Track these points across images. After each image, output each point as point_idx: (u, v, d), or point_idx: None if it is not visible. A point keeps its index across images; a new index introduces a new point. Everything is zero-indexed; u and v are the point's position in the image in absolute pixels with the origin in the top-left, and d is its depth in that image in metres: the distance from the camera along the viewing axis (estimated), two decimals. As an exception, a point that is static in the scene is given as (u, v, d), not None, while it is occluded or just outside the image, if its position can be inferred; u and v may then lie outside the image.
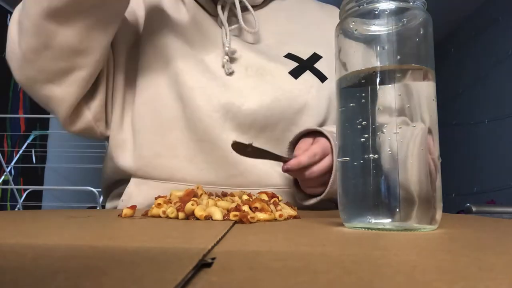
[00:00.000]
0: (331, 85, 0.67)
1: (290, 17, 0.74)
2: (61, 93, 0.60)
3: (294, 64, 0.66)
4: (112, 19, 0.59)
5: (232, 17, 0.69)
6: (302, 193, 0.62)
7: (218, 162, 0.63)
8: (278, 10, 0.74)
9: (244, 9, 0.68)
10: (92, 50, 0.59)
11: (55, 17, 0.53)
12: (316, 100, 0.65)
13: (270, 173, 0.64)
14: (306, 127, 0.63)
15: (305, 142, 0.59)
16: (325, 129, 0.58)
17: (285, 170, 0.54)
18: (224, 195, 0.51)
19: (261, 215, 0.39)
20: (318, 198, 0.58)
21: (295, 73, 0.65)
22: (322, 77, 0.67)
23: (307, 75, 0.66)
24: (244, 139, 0.62)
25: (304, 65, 0.67)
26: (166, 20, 0.69)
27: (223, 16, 0.66)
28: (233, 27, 0.68)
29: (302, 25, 0.74)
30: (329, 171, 0.56)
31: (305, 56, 0.68)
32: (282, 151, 0.65)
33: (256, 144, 0.63)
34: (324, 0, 0.84)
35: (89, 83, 0.63)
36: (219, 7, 0.67)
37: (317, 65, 0.68)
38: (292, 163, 0.53)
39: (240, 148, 0.52)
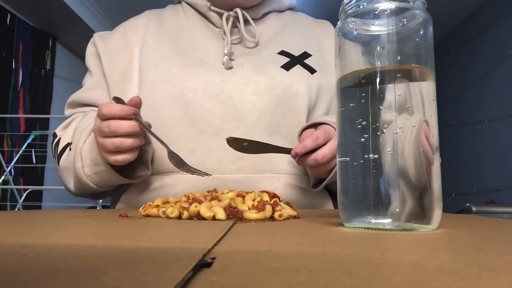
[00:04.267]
0: (320, 76, 0.72)
1: (286, 24, 0.80)
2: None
3: (286, 60, 0.72)
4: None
5: (234, 29, 0.74)
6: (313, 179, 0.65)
7: (219, 150, 0.65)
8: (275, 21, 0.79)
9: (245, 21, 0.74)
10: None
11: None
12: (307, 87, 0.69)
13: (272, 157, 0.66)
14: (299, 111, 0.67)
15: (307, 132, 0.62)
16: (326, 119, 0.61)
17: (294, 156, 0.56)
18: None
19: (253, 214, 0.40)
20: (328, 177, 0.60)
21: (287, 67, 0.71)
22: (311, 70, 0.72)
23: (298, 68, 0.71)
24: (244, 126, 0.66)
25: (295, 60, 0.72)
26: (165, 32, 0.75)
27: (227, 28, 0.72)
28: (234, 37, 0.73)
29: (296, 30, 0.79)
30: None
31: (296, 53, 0.73)
32: (284, 138, 0.67)
33: (259, 129, 0.67)
34: (322, 4, 0.86)
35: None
36: (224, 19, 0.72)
37: (307, 61, 0.73)
38: (299, 147, 0.55)
39: (237, 143, 0.54)
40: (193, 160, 0.65)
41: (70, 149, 0.66)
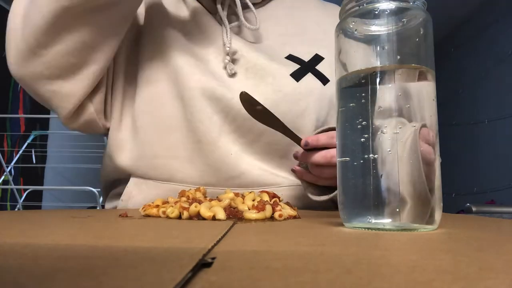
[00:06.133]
0: (333, 87, 0.66)
1: (291, 16, 0.73)
2: (70, 89, 0.60)
3: (295, 66, 0.65)
4: (126, 18, 0.61)
5: (232, 15, 0.68)
6: (312, 188, 0.59)
7: (217, 164, 0.63)
8: (278, 9, 0.73)
9: (244, 6, 0.67)
10: (105, 47, 0.59)
11: (70, 16, 0.53)
12: (317, 103, 0.64)
13: (269, 174, 0.64)
14: (303, 131, 0.62)
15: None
16: None
17: (305, 144, 0.51)
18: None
19: (253, 214, 0.40)
20: (332, 194, 0.55)
21: (297, 76, 0.64)
22: (324, 79, 0.66)
23: (309, 78, 0.65)
24: (242, 143, 0.63)
25: (306, 67, 0.66)
26: (166, 18, 0.69)
27: (223, 13, 0.66)
28: (233, 24, 0.67)
29: (303, 24, 0.73)
30: None
31: (306, 57, 0.67)
32: (282, 157, 0.64)
33: (256, 147, 0.63)
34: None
35: (99, 78, 0.63)
36: (218, 5, 0.67)
37: (319, 67, 0.67)
38: (312, 138, 0.51)
39: (249, 103, 0.49)
40: (192, 172, 0.63)
41: None
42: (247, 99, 0.49)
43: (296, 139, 0.53)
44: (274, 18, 0.72)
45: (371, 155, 0.32)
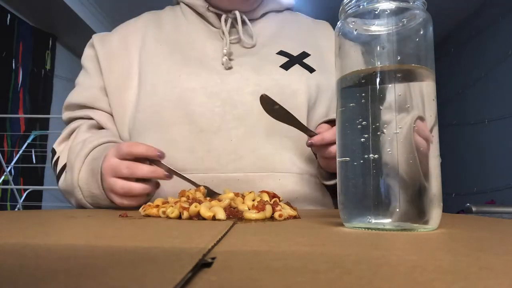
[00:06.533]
0: (319, 75, 0.72)
1: (284, 23, 0.80)
2: None
3: (285, 59, 0.72)
4: None
5: (233, 29, 0.75)
6: (325, 172, 0.67)
7: (218, 149, 0.65)
8: (273, 21, 0.80)
9: (243, 22, 0.75)
10: None
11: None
12: (306, 85, 0.69)
13: (271, 157, 0.66)
14: (299, 109, 0.67)
15: (327, 124, 0.62)
16: None
17: (309, 145, 0.58)
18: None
19: (253, 214, 0.40)
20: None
21: (286, 66, 0.71)
22: (310, 70, 0.73)
23: (297, 67, 0.72)
24: (245, 125, 0.67)
25: (294, 60, 0.73)
26: (163, 34, 0.75)
27: (226, 29, 0.73)
28: (233, 37, 0.74)
29: (294, 30, 0.80)
30: None
31: (295, 53, 0.74)
32: (283, 136, 0.68)
33: (258, 129, 0.67)
34: (322, 4, 0.86)
35: None
36: (222, 20, 0.73)
37: (306, 61, 0.73)
38: (317, 138, 0.57)
39: (268, 103, 0.55)
40: (192, 160, 0.66)
41: (66, 172, 0.65)
42: (266, 100, 0.55)
43: (310, 134, 0.58)
44: (269, 27, 0.79)
45: (371, 155, 0.32)
